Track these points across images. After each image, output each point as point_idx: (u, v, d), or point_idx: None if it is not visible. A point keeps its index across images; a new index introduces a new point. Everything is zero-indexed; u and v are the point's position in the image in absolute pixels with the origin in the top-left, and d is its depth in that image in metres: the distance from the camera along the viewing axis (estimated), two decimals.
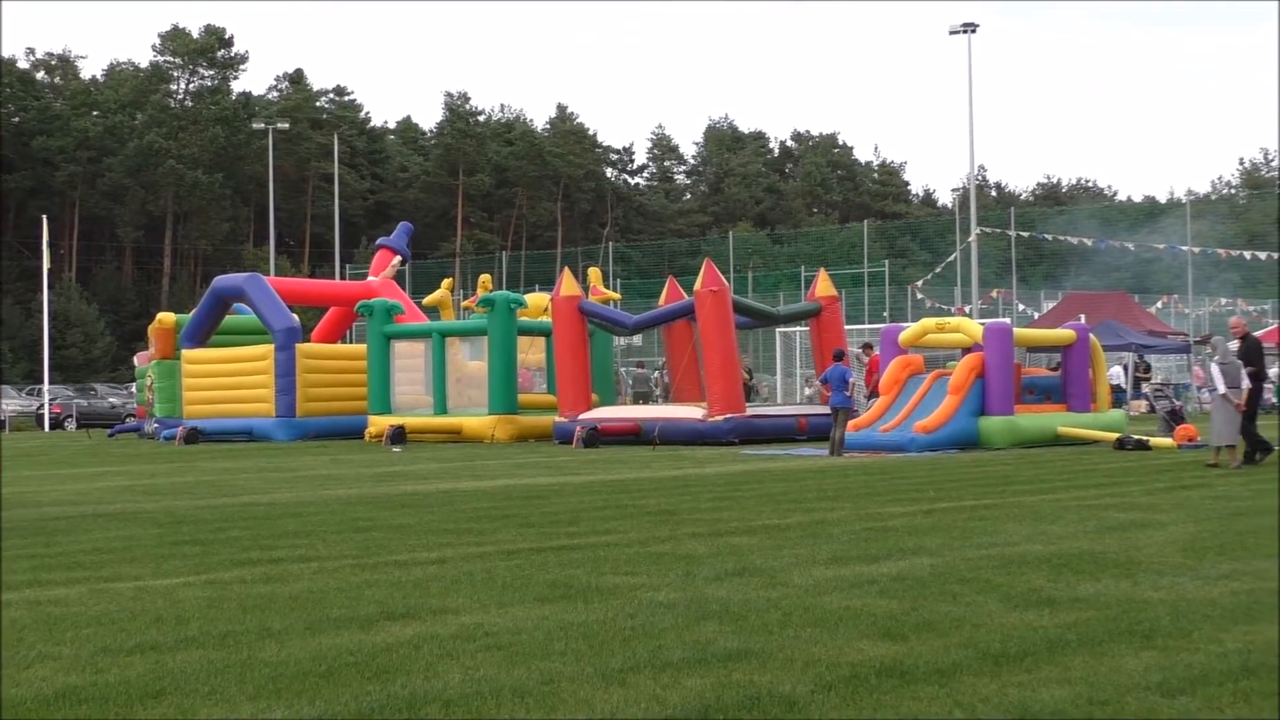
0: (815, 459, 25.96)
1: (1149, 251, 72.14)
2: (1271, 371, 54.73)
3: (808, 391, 47.02)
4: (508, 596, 9.54)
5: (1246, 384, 21.70)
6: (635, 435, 32.18)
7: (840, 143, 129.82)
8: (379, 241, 48.28)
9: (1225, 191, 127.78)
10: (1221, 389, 21.67)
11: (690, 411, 32.69)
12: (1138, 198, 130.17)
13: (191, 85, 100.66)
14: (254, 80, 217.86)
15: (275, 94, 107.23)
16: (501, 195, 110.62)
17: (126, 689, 6.93)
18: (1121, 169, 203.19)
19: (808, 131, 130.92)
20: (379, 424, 36.14)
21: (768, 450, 28.99)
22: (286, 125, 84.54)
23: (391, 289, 43.63)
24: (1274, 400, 52.14)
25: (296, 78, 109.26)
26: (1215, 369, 21.97)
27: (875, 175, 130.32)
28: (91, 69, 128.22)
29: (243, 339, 41.16)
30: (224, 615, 8.94)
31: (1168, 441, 27.64)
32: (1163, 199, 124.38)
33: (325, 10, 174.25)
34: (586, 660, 7.41)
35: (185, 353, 40.80)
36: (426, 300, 45.21)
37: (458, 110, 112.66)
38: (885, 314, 66.73)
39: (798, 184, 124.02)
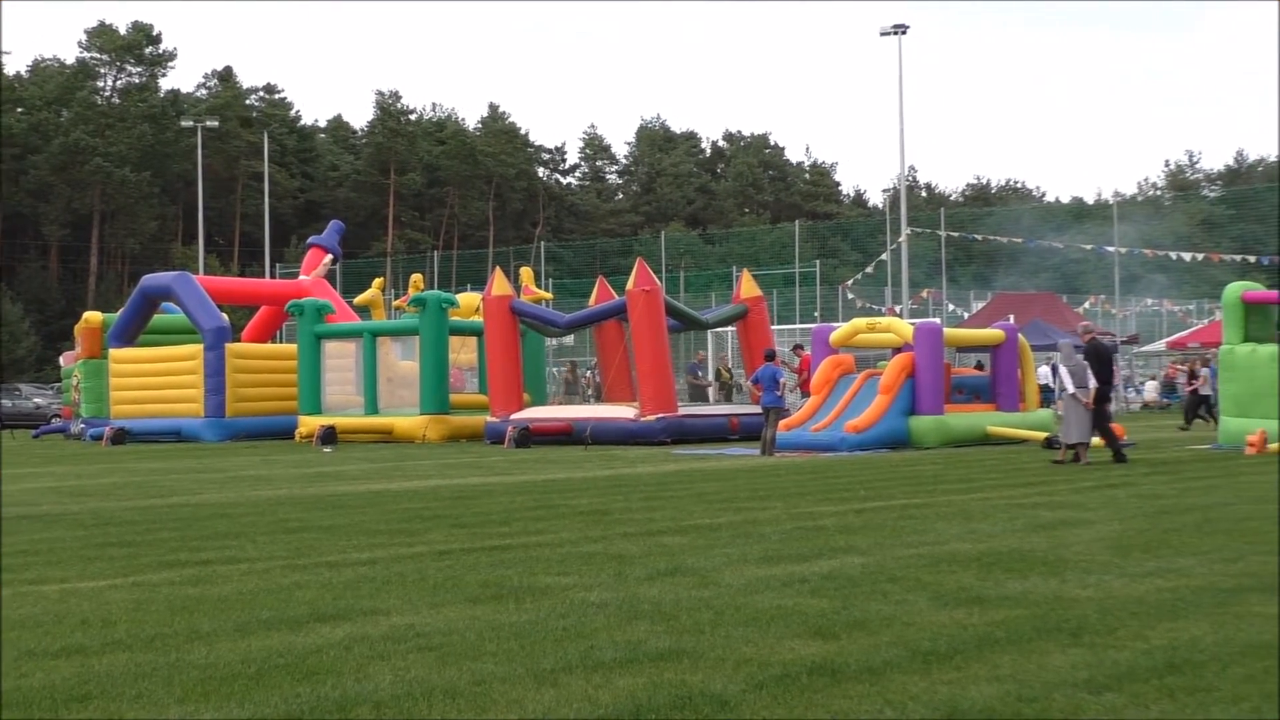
0: (747, 458, 26.02)
1: (1077, 252, 72.87)
2: (1203, 373, 55.48)
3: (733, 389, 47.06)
4: (439, 597, 9.50)
5: (1093, 384, 22.65)
6: (567, 435, 32.15)
7: (772, 143, 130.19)
8: (310, 240, 47.96)
9: (1151, 193, 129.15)
10: (1070, 389, 22.63)
11: (622, 411, 32.69)
12: (1066, 199, 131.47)
13: (119, 82, 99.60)
14: (182, 78, 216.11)
15: (204, 91, 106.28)
16: (433, 194, 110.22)
17: (52, 693, 6.86)
18: (1050, 170, 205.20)
19: (739, 132, 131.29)
20: (309, 424, 35.95)
21: (699, 450, 29.04)
22: (216, 123, 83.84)
23: (322, 288, 43.38)
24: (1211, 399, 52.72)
25: (226, 75, 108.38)
26: (1063, 370, 23.01)
27: (806, 175, 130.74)
28: (15, 65, 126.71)
29: (171, 338, 40.79)
30: (151, 617, 8.86)
31: (1095, 441, 27.88)
32: (1090, 200, 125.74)
33: (255, 8, 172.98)
34: (518, 660, 7.39)
35: (113, 352, 40.40)
36: (358, 300, 45.01)
37: (389, 109, 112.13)
38: (816, 314, 67.02)
39: (729, 184, 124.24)
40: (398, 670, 7.21)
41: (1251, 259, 66.77)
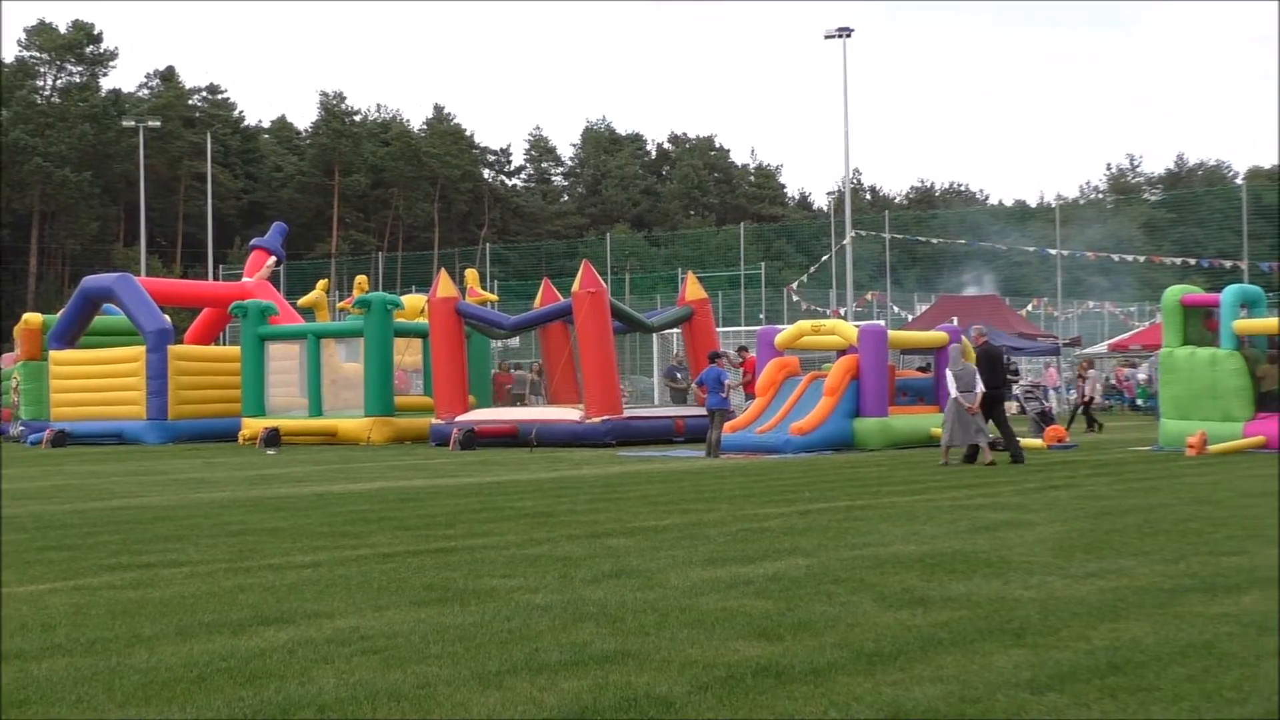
0: (692, 460, 26.06)
1: (1020, 255, 73.35)
2: (1140, 375, 55.97)
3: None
4: (383, 600, 9.47)
5: (980, 388, 23.17)
6: (512, 437, 32.10)
7: (717, 145, 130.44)
8: (253, 242, 47.66)
9: (1093, 196, 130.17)
10: (954, 393, 23.17)
11: (567, 413, 32.67)
12: (1009, 202, 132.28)
13: (59, 81, 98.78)
14: (124, 77, 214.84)
15: (146, 91, 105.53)
16: (378, 196, 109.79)
17: None
18: (993, 173, 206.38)
19: (685, 134, 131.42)
20: (253, 426, 35.73)
21: (645, 452, 29.06)
22: (158, 123, 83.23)
23: (266, 290, 43.11)
24: (1141, 403, 53.23)
25: (168, 75, 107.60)
26: (949, 375, 23.47)
27: (751, 178, 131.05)
28: None
29: (113, 340, 40.45)
30: (92, 622, 8.78)
31: (1038, 442, 28.09)
32: (1033, 203, 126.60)
33: (197, 8, 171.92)
34: (463, 663, 7.37)
35: (53, 354, 40.01)
36: (301, 301, 44.72)
37: (333, 110, 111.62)
38: (761, 316, 67.27)
39: (675, 186, 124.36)
40: (341, 673, 7.18)
41: (1191, 261, 67.33)
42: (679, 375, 38.39)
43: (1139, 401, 54.35)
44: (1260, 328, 26.83)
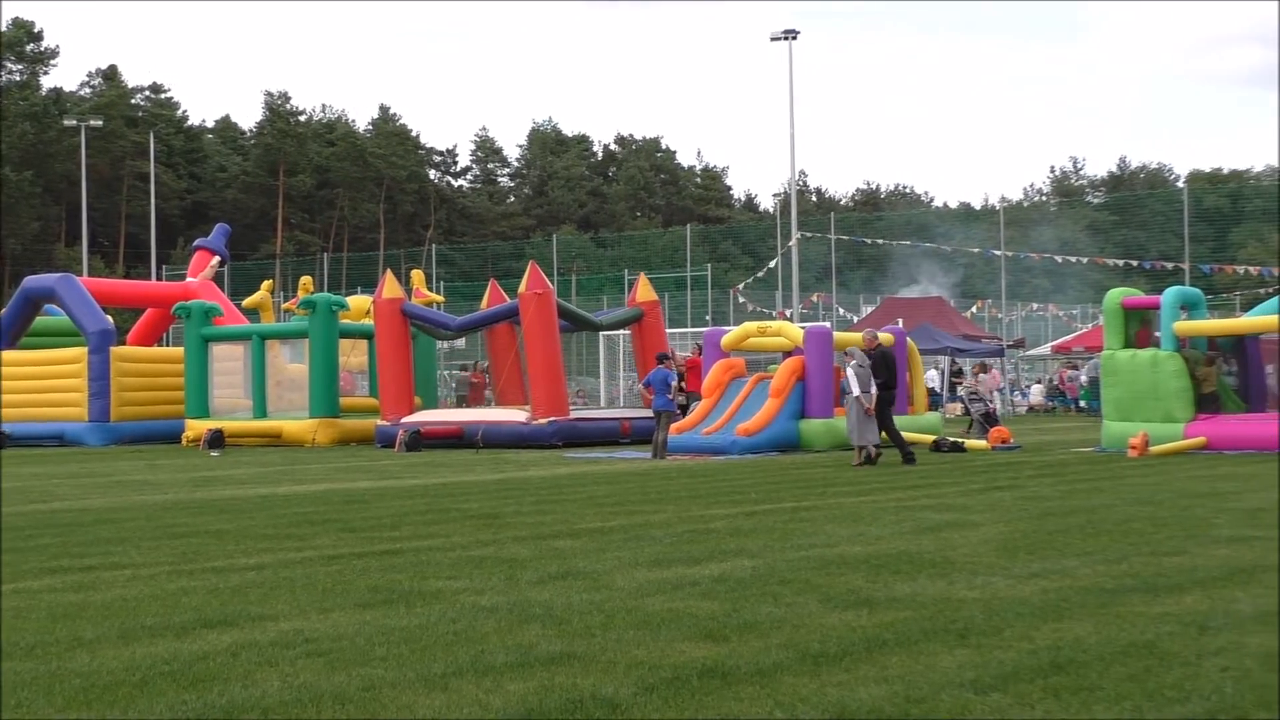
0: (638, 462, 26.07)
1: (964, 257, 73.76)
2: (1080, 376, 56.39)
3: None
4: (328, 602, 9.42)
5: (873, 389, 23.82)
6: (458, 438, 32.03)
7: (663, 147, 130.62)
8: (196, 243, 47.36)
9: (1037, 199, 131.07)
10: (855, 392, 23.73)
11: (513, 414, 32.62)
12: (954, 204, 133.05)
13: None
14: (65, 76, 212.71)
15: (88, 90, 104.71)
16: (323, 196, 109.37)
17: None
18: (938, 176, 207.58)
19: (631, 135, 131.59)
20: (197, 428, 35.52)
21: (591, 453, 29.05)
22: (100, 122, 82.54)
23: (210, 290, 42.85)
24: (1084, 404, 53.64)
25: (110, 74, 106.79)
26: (851, 373, 23.98)
27: (698, 179, 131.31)
28: None
29: (55, 341, 40.09)
30: (32, 625, 8.70)
31: (982, 444, 28.28)
32: (977, 205, 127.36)
33: (140, 7, 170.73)
34: (408, 665, 7.35)
35: None
36: (246, 302, 44.50)
37: (278, 110, 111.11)
38: (708, 317, 67.36)
39: (621, 187, 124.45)
40: (286, 676, 7.14)
41: (1134, 264, 67.92)
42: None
43: (1082, 403, 54.79)
44: (1200, 330, 27.10)
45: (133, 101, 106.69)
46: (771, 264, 67.94)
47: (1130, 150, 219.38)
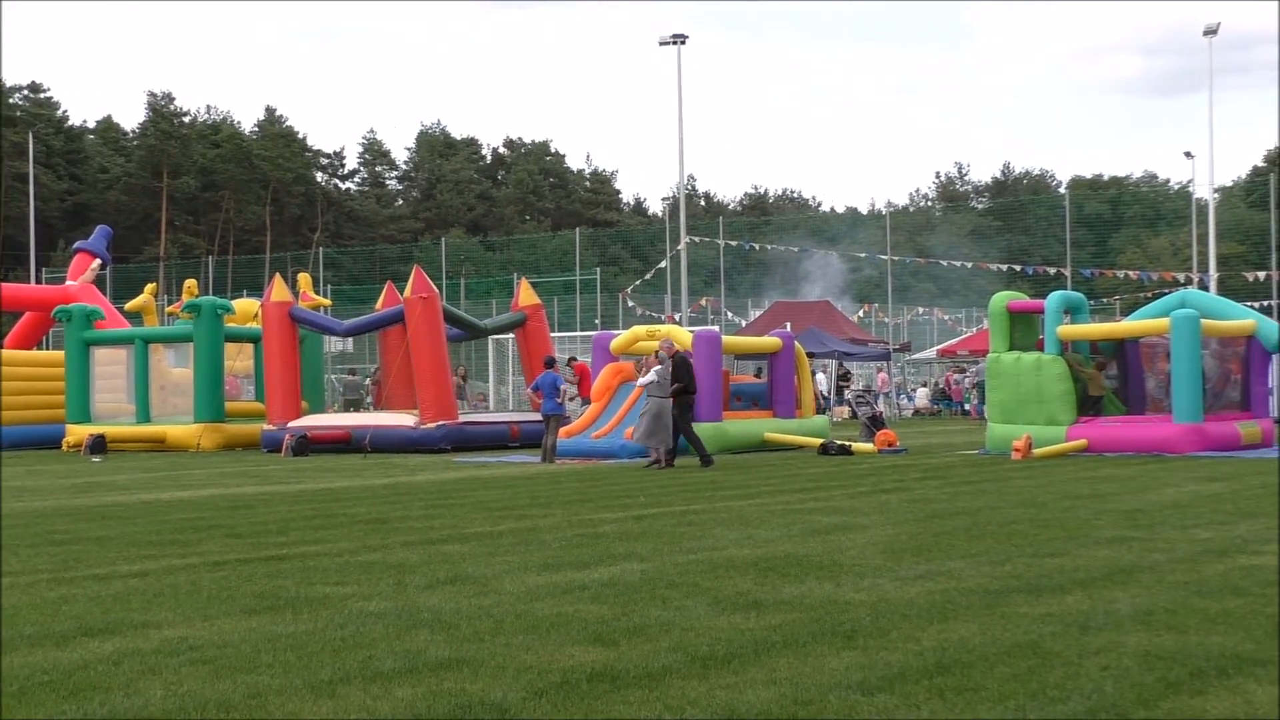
0: (528, 466, 26.03)
1: (851, 261, 74.42)
2: (967, 380, 57.07)
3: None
4: (213, 609, 9.31)
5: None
6: (346, 443, 31.79)
7: (552, 150, 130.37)
8: (77, 245, 46.55)
9: (923, 204, 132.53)
10: (651, 392, 24.51)
11: (402, 418, 32.44)
12: (841, 209, 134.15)
13: None
14: None
15: None
16: (208, 198, 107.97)
17: None
18: (826, 181, 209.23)
19: (520, 139, 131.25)
20: (78, 433, 34.97)
21: (480, 457, 28.96)
22: None
23: (91, 294, 42.15)
24: (968, 407, 54.29)
25: None
26: (654, 375, 24.68)
27: (587, 183, 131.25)
28: None
29: None
30: None
31: (869, 447, 28.53)
32: (864, 210, 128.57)
33: (18, 4, 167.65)
34: (295, 672, 7.28)
35: None
36: (129, 305, 43.87)
37: (161, 111, 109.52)
38: (597, 321, 67.42)
39: (510, 191, 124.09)
40: (169, 684, 7.04)
41: (1017, 269, 68.88)
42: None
43: (967, 406, 55.47)
44: (1083, 334, 27.55)
45: (11, 101, 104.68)
46: (660, 267, 68.09)
47: (1014, 157, 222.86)
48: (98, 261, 44.57)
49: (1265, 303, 58.75)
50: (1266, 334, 27.72)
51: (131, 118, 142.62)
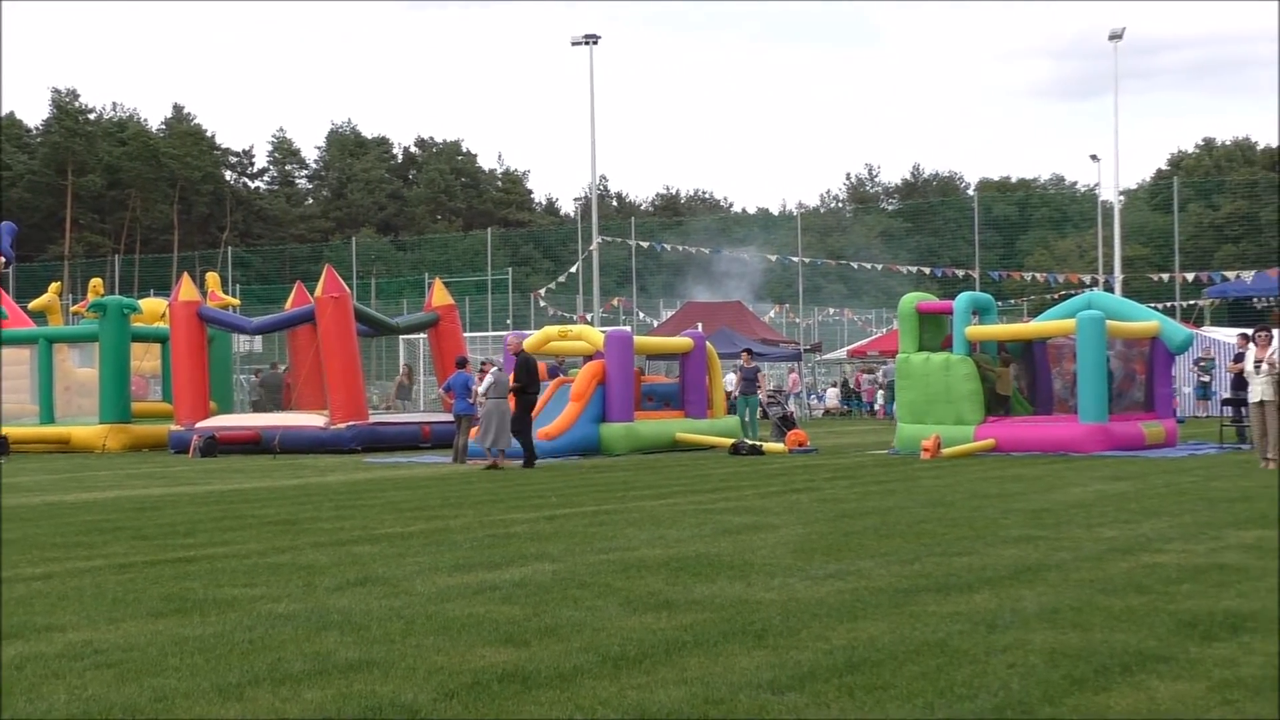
0: (439, 466, 25.93)
1: (762, 262, 74.75)
2: (875, 381, 57.50)
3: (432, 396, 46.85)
4: (119, 612, 9.20)
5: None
6: (255, 444, 31.52)
7: (464, 150, 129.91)
8: None
9: (833, 205, 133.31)
10: (489, 395, 24.74)
11: (311, 419, 32.22)
12: (752, 210, 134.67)
13: None
14: None
15: None
16: (114, 197, 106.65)
17: None
18: (737, 182, 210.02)
19: (432, 138, 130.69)
20: None
21: (391, 458, 28.82)
22: None
23: None
24: (884, 408, 54.68)
25: None
26: (491, 379, 24.92)
27: (499, 183, 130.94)
28: None
29: None
30: None
31: (779, 447, 28.67)
32: (775, 211, 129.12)
33: None
34: (203, 675, 7.21)
35: None
36: (33, 305, 43.27)
37: (66, 108, 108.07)
38: (509, 321, 67.27)
39: (421, 191, 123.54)
40: (73, 689, 6.95)
41: (926, 270, 69.50)
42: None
43: (876, 406, 55.89)
44: (991, 334, 27.85)
45: None
46: (572, 268, 68.03)
47: (924, 159, 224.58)
48: (1, 259, 43.92)
49: (1169, 304, 59.61)
50: (1170, 335, 28.13)
51: (35, 114, 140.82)
